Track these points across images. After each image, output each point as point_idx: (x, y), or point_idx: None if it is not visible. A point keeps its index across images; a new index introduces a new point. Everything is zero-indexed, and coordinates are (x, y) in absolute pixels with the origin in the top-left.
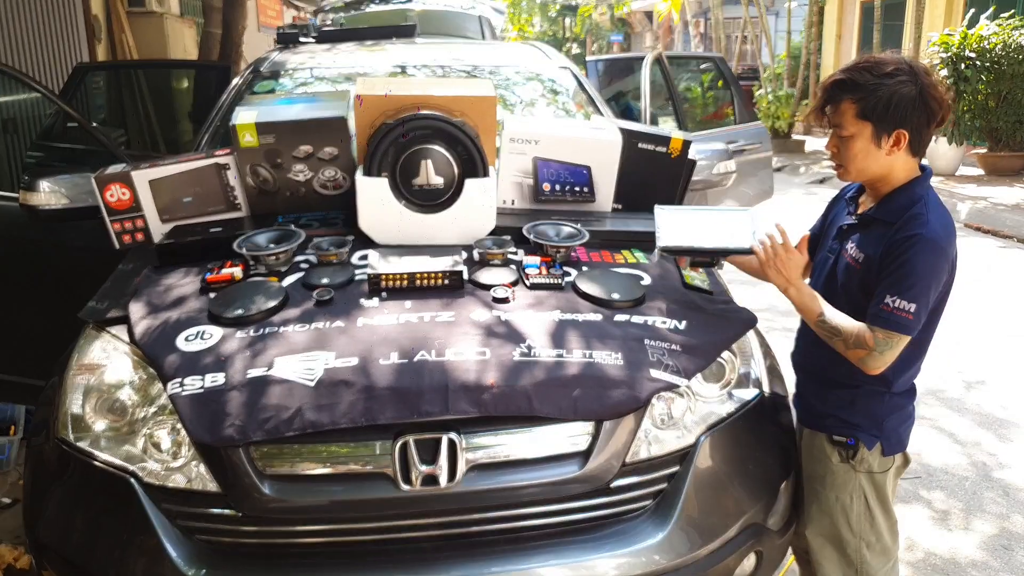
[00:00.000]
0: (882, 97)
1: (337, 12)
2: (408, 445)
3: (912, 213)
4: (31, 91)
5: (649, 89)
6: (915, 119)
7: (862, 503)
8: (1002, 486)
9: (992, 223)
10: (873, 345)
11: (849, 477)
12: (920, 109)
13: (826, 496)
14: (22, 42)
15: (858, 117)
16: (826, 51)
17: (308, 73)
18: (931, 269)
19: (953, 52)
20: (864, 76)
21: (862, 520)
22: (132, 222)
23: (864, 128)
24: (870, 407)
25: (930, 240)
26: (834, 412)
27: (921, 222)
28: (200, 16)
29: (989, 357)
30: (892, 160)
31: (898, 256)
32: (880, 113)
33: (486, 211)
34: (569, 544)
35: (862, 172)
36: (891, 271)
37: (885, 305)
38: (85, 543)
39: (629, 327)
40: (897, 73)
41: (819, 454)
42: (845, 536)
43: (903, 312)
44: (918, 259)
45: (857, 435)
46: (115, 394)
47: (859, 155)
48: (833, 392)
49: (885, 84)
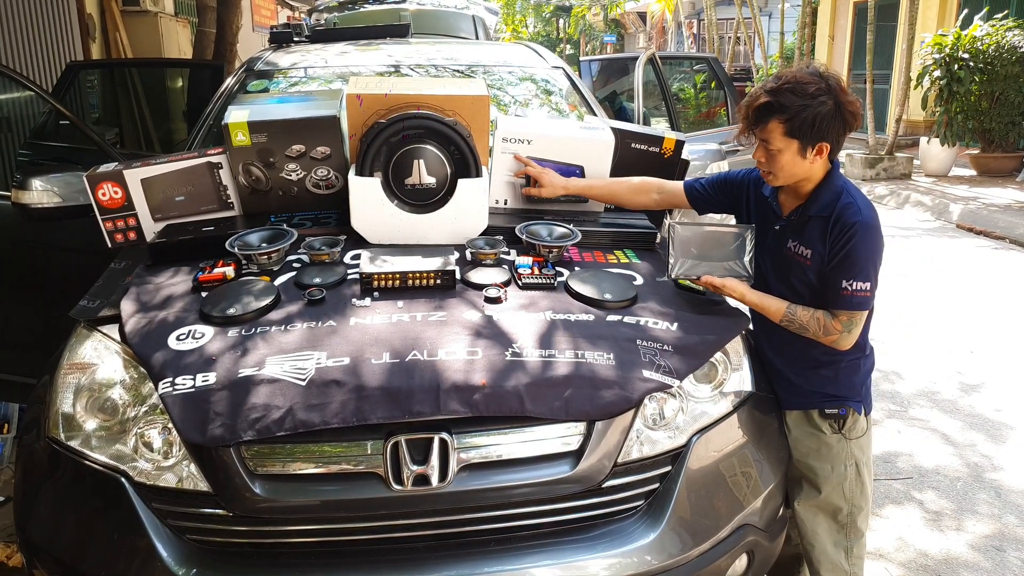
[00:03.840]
0: (807, 118)
1: (331, 12)
2: (400, 445)
3: (842, 204)
4: (24, 90)
5: (642, 89)
6: (834, 131)
7: (854, 470)
8: (994, 487)
9: (984, 224)
10: (841, 328)
11: (842, 447)
12: (838, 122)
13: (821, 468)
14: (16, 41)
15: (786, 135)
16: (819, 52)
17: (301, 72)
18: (874, 248)
19: (946, 53)
20: (789, 98)
21: (854, 486)
22: (124, 221)
23: (791, 144)
24: (851, 378)
25: (866, 224)
26: (820, 389)
27: (854, 210)
28: (194, 15)
29: (982, 359)
30: (814, 165)
31: (844, 246)
32: (805, 131)
33: (478, 211)
34: (561, 544)
35: (791, 176)
36: (840, 259)
37: (844, 290)
38: (76, 542)
39: (621, 327)
40: (818, 93)
41: (812, 429)
42: (838, 504)
43: (860, 292)
44: (863, 244)
45: (847, 405)
46: (106, 393)
47: (787, 166)
48: (818, 372)
49: (809, 105)
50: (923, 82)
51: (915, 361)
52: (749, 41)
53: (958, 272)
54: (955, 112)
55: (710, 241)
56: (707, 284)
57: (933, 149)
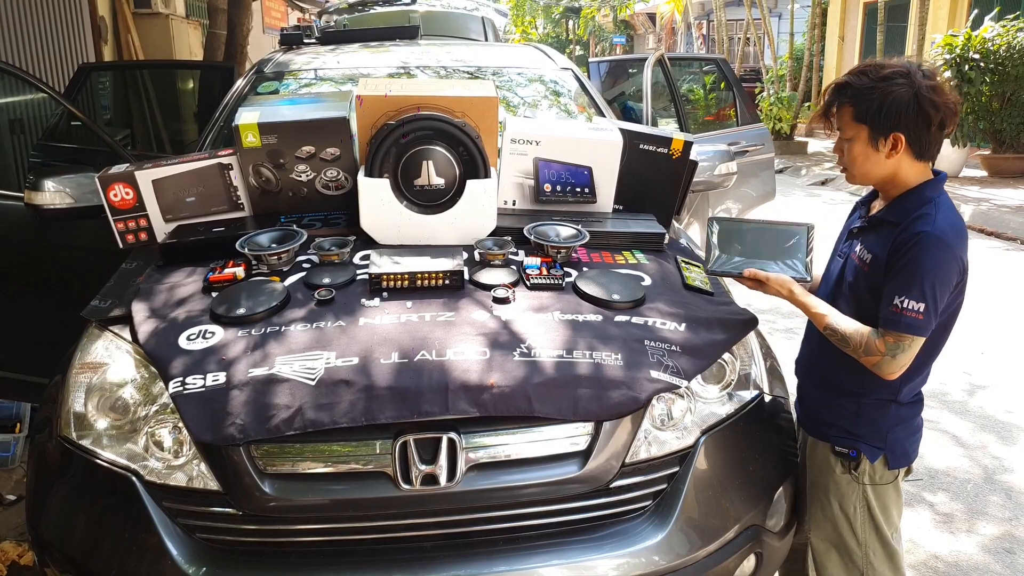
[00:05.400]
0: (875, 100)
1: (341, 14)
2: (408, 444)
3: (919, 213)
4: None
5: (651, 91)
6: (910, 122)
7: (865, 513)
8: (1005, 489)
9: (996, 225)
10: (884, 350)
11: (852, 488)
12: (915, 112)
13: (829, 504)
14: (29, 43)
15: (855, 120)
16: (829, 53)
17: (311, 74)
18: (937, 266)
19: (957, 54)
20: (861, 79)
21: (866, 529)
22: (136, 221)
23: (861, 131)
24: (875, 418)
25: (935, 236)
26: (837, 422)
27: (927, 221)
28: (205, 17)
29: (993, 360)
30: (895, 163)
31: (904, 255)
32: (874, 115)
33: (487, 212)
34: (569, 544)
35: (865, 175)
36: (897, 271)
37: (894, 307)
38: (87, 541)
39: (629, 328)
40: (894, 76)
41: (822, 463)
42: (850, 544)
43: (912, 312)
44: (924, 256)
45: (859, 447)
46: (117, 393)
47: (859, 157)
48: (838, 400)
49: (879, 87)
50: None
51: None
52: (759, 42)
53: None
54: (966, 113)
55: (758, 237)
56: (752, 276)
57: (943, 150)
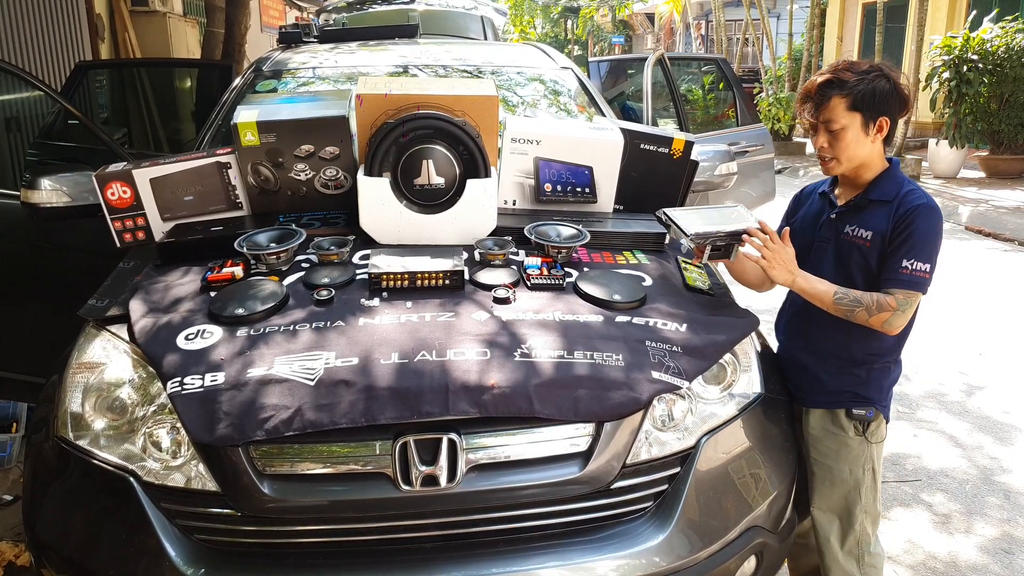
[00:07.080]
0: (866, 90)
1: (339, 12)
2: (408, 445)
3: (907, 190)
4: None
5: (651, 90)
6: (892, 107)
7: (871, 474)
8: (1003, 490)
9: (993, 226)
10: (896, 306)
11: (863, 449)
12: (895, 99)
13: (839, 470)
14: (25, 41)
15: (849, 109)
16: (827, 53)
17: (310, 72)
18: (936, 233)
19: (955, 55)
20: (847, 75)
21: (869, 491)
22: (133, 220)
23: (854, 118)
24: (881, 380)
25: (930, 208)
26: (851, 388)
27: (920, 195)
28: (203, 16)
29: (991, 361)
30: (876, 147)
31: (908, 226)
32: (868, 103)
33: (487, 211)
34: (569, 545)
35: (852, 159)
36: (903, 240)
37: (904, 268)
38: (84, 541)
39: (630, 328)
40: (871, 71)
41: (834, 430)
42: (854, 510)
43: (920, 272)
44: (927, 225)
45: (874, 407)
46: (115, 393)
47: (851, 144)
48: (852, 371)
49: (865, 79)
50: (932, 84)
51: (923, 363)
52: (757, 42)
53: (967, 274)
54: (964, 114)
55: (710, 214)
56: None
57: (942, 151)
